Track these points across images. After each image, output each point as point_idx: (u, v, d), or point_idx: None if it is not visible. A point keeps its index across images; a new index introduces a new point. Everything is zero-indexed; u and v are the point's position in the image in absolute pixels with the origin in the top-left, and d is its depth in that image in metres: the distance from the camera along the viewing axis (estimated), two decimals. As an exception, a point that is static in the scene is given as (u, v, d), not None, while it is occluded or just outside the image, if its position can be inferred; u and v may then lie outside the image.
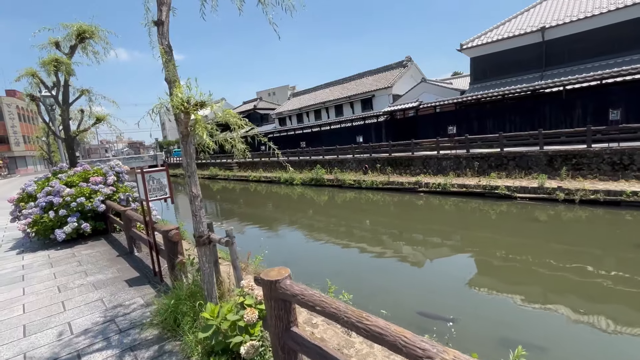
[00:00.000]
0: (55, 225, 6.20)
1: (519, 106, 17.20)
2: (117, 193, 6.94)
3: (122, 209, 5.45)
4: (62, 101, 7.24)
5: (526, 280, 6.81)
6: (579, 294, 6.08)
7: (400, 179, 18.08)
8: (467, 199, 14.47)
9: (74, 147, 7.53)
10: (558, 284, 6.54)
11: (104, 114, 7.82)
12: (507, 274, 7.31)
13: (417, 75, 28.30)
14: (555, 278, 6.76)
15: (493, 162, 15.46)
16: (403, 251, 9.54)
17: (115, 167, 7.19)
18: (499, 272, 7.47)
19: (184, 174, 2.80)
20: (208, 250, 2.81)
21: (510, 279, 6.95)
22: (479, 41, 20.27)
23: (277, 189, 24.03)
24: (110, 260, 5.29)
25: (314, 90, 35.73)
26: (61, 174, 6.85)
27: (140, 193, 4.17)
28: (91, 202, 6.37)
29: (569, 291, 6.25)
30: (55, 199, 6.18)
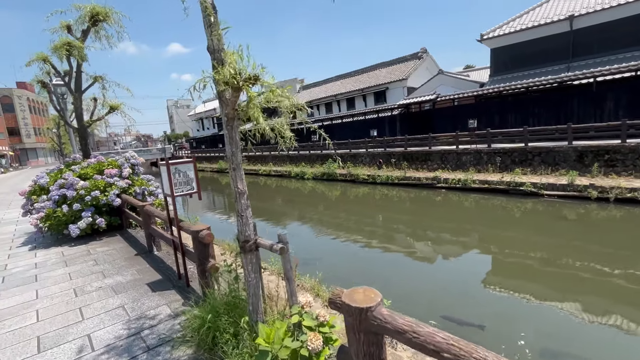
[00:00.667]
0: (68, 220, 5.82)
1: (544, 99, 16.39)
2: (132, 186, 6.54)
3: (140, 203, 5.04)
4: (75, 88, 6.82)
5: (559, 284, 6.29)
6: (621, 300, 5.54)
7: (417, 174, 17.49)
8: (490, 195, 13.87)
9: (87, 137, 7.13)
10: (596, 288, 6.01)
11: (118, 103, 7.39)
12: (537, 276, 6.79)
13: (432, 68, 27.44)
14: (592, 282, 6.23)
15: (517, 157, 14.79)
16: (423, 250, 9.07)
17: (130, 158, 6.77)
18: (528, 274, 6.96)
19: (228, 166, 2.33)
20: (254, 257, 2.34)
21: (541, 282, 6.43)
22: (500, 31, 19.39)
23: (287, 183, 23.61)
24: (128, 259, 4.88)
25: (324, 82, 35.04)
26: (74, 165, 6.46)
27: (163, 187, 3.72)
28: (106, 196, 5.97)
29: (609, 296, 5.73)
30: (68, 192, 5.80)
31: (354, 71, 32.03)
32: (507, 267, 7.52)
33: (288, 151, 28.53)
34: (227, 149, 2.29)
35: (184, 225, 3.54)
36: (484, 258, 8.22)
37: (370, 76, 28.93)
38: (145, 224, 4.91)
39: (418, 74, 25.56)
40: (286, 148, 2.86)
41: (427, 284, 6.73)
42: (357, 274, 7.08)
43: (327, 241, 10.22)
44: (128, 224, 6.65)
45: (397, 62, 27.89)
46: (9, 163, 44.89)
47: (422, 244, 9.68)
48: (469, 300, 5.83)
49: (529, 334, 4.49)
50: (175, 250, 3.92)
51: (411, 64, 26.17)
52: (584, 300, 5.56)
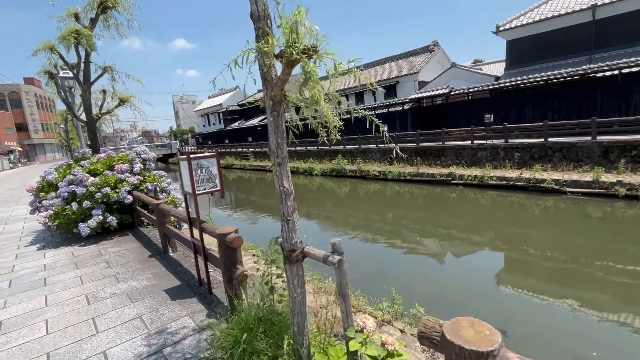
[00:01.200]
0: (78, 218, 5.51)
1: (565, 92, 15.77)
2: (144, 183, 6.20)
3: (154, 201, 4.69)
4: (83, 80, 6.47)
5: (586, 286, 5.88)
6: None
7: (431, 170, 17.02)
8: (508, 192, 13.40)
9: (96, 131, 6.80)
10: (627, 291, 5.58)
11: (128, 95, 7.04)
12: (561, 277, 6.38)
13: (444, 61, 26.76)
14: (623, 285, 5.79)
15: (536, 153, 14.25)
16: (442, 249, 8.66)
17: (142, 153, 6.43)
18: (551, 275, 6.56)
19: (272, 162, 1.94)
20: (300, 269, 1.96)
21: (566, 284, 6.03)
22: (517, 22, 18.70)
23: (295, 180, 23.22)
24: (142, 261, 4.55)
25: (332, 77, 34.45)
26: (84, 160, 6.09)
27: (183, 184, 3.36)
28: (117, 193, 5.64)
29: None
30: (78, 188, 5.48)
31: (363, 65, 31.39)
32: (533, 268, 7.12)
33: (296, 147, 28.13)
34: (270, 140, 1.91)
35: (207, 227, 3.18)
36: (507, 258, 7.81)
37: (380, 70, 28.33)
38: (160, 224, 4.57)
39: (429, 68, 24.93)
40: (328, 141, 2.47)
41: (450, 285, 6.34)
42: (375, 275, 6.72)
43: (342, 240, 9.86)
44: (140, 222, 6.33)
45: (407, 56, 27.26)
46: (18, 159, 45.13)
47: (441, 242, 9.27)
48: (490, 303, 5.46)
49: (559, 339, 4.12)
50: (196, 254, 3.56)
51: (422, 57, 25.53)
52: (615, 302, 5.16)
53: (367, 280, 6.01)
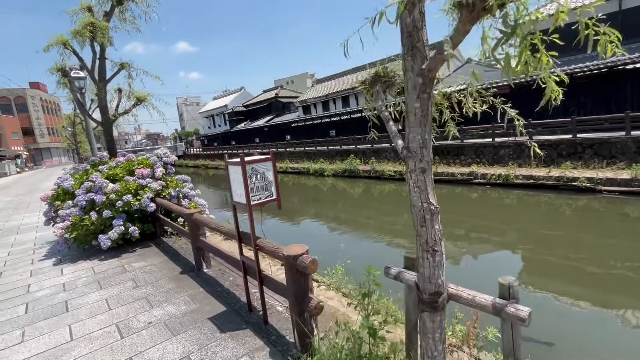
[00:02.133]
0: (97, 229, 4.99)
1: (591, 86, 15.07)
2: (166, 188, 5.68)
3: (185, 211, 4.14)
4: (98, 77, 5.96)
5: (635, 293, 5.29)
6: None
7: (450, 169, 16.42)
8: (535, 192, 12.77)
9: (112, 132, 6.29)
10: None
11: (145, 93, 6.52)
12: (606, 284, 5.77)
13: (458, 56, 26.05)
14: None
15: (564, 150, 13.59)
16: (474, 253, 8.07)
17: (163, 156, 5.91)
18: (593, 281, 5.96)
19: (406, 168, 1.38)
20: (443, 319, 1.39)
21: (611, 291, 5.42)
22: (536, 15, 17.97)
23: (306, 181, 22.73)
24: (173, 279, 4.01)
25: (340, 75, 33.92)
26: (102, 165, 5.60)
27: (233, 193, 2.81)
28: (139, 201, 5.12)
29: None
30: (97, 196, 4.96)
31: (372, 62, 30.78)
32: (566, 272, 6.56)
33: (305, 147, 27.60)
34: (411, 136, 1.34)
35: (267, 245, 2.62)
36: (540, 261, 7.23)
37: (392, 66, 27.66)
38: (193, 236, 4.02)
39: (442, 64, 24.21)
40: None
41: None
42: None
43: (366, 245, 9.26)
44: (162, 232, 5.80)
45: (418, 52, 26.55)
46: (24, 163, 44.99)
47: (470, 245, 8.68)
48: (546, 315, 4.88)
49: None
50: (246, 275, 3.01)
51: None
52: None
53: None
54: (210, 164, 38.70)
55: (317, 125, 30.69)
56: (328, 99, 31.65)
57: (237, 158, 2.73)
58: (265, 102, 40.93)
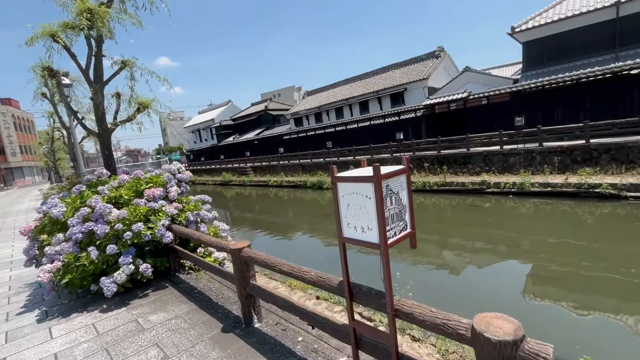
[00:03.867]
0: (98, 270, 3.79)
1: (597, 92, 15.01)
2: (182, 212, 4.55)
3: (230, 245, 3.03)
4: (94, 78, 4.84)
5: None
6: None
7: (459, 178, 15.82)
8: (553, 200, 12.26)
9: (111, 144, 5.12)
10: None
11: (149, 99, 5.42)
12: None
13: (450, 67, 26.16)
14: None
15: (578, 156, 13.25)
16: (505, 271, 7.28)
17: (177, 172, 4.78)
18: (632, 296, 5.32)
19: None
20: None
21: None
22: (534, 22, 18.12)
23: (303, 194, 21.65)
24: (217, 341, 2.86)
25: (331, 87, 33.49)
26: (101, 185, 4.43)
27: (346, 225, 1.81)
28: (152, 230, 3.97)
29: None
30: (97, 226, 3.77)
31: (363, 74, 30.59)
32: (602, 286, 5.90)
33: (300, 159, 26.63)
34: None
35: (415, 311, 1.60)
36: (572, 275, 6.54)
37: (384, 78, 27.46)
38: (241, 279, 2.93)
39: (437, 74, 24.16)
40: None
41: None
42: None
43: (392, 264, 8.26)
44: (178, 266, 4.63)
45: (412, 63, 26.53)
46: (-7, 184, 41.64)
47: (503, 260, 7.88)
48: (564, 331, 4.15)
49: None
50: (357, 349, 1.96)
51: (429, 63, 24.80)
52: None
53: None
54: (197, 179, 37.01)
55: (312, 137, 29.87)
56: (321, 111, 31.03)
57: (355, 171, 1.77)
58: (254, 115, 39.93)
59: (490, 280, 7.11)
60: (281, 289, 4.37)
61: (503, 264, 7.89)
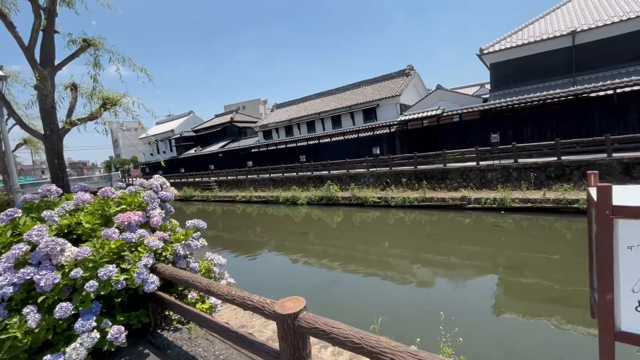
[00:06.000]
0: (38, 341, 2.40)
1: (562, 112, 15.96)
2: (169, 244, 3.28)
3: (274, 307, 1.91)
4: (41, 59, 3.47)
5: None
6: None
7: (438, 194, 15.71)
8: (534, 215, 12.44)
9: (62, 150, 3.68)
10: None
11: (117, 93, 4.10)
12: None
13: (419, 86, 26.94)
14: None
15: (552, 172, 13.73)
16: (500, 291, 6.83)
17: (159, 190, 3.50)
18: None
19: None
20: None
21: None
22: (500, 46, 19.15)
23: (274, 211, 20.35)
24: None
25: (302, 101, 32.96)
26: (48, 208, 2.98)
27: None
28: (129, 274, 2.67)
29: None
30: (41, 274, 2.40)
31: (335, 89, 30.50)
32: None
33: (270, 174, 25.35)
34: None
35: None
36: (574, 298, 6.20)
37: (356, 93, 27.51)
38: (294, 352, 1.82)
39: (407, 92, 24.66)
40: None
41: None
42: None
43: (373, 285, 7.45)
44: (159, 319, 3.31)
45: (383, 80, 26.92)
46: None
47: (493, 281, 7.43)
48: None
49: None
50: None
51: (400, 80, 25.28)
52: None
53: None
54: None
55: (282, 150, 28.79)
56: (292, 124, 30.20)
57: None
58: (218, 126, 37.98)
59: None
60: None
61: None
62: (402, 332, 4.72)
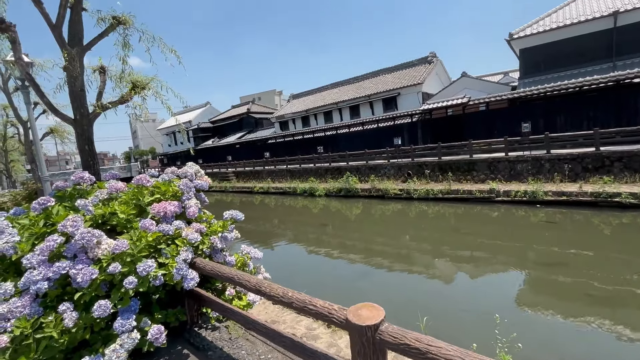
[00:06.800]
0: (75, 341, 2.21)
1: (600, 100, 14.89)
2: (205, 236, 3.04)
3: (340, 313, 1.61)
4: (70, 38, 3.24)
5: None
6: None
7: (464, 186, 15.09)
8: (568, 209, 11.71)
9: (92, 136, 3.49)
10: None
11: (146, 77, 3.87)
12: None
13: (442, 74, 25.93)
14: None
15: (589, 163, 12.89)
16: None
17: (193, 178, 3.26)
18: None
19: None
20: None
21: None
22: (531, 30, 18.04)
23: (292, 202, 20.17)
24: None
25: (318, 91, 32.42)
26: (82, 198, 2.73)
27: None
28: (167, 270, 2.45)
29: None
30: (78, 269, 2.20)
31: (353, 78, 29.80)
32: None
33: (287, 164, 25.14)
34: None
35: None
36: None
37: (375, 82, 26.76)
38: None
39: (429, 80, 23.75)
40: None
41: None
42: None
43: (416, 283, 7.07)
44: (196, 316, 3.11)
45: (403, 67, 26.04)
46: None
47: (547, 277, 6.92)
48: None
49: None
50: None
51: (422, 68, 24.37)
52: None
53: None
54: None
55: (299, 141, 28.47)
56: (308, 114, 29.79)
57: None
58: (235, 117, 37.97)
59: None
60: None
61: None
62: (450, 334, 4.39)
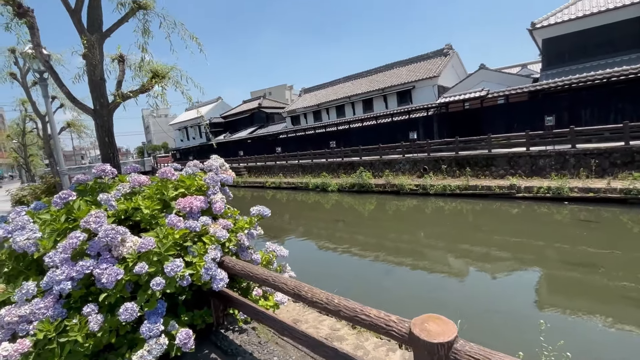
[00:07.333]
0: (100, 345, 2.06)
1: (629, 92, 14.16)
2: (232, 233, 2.86)
3: (404, 328, 1.40)
4: (89, 24, 3.09)
5: None
6: None
7: (483, 182, 14.62)
8: (594, 206, 11.19)
9: (112, 128, 3.34)
10: None
11: (166, 66, 3.69)
12: None
13: (458, 66, 25.22)
14: None
15: (618, 159, 12.28)
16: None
17: (218, 172, 3.08)
18: None
19: None
20: None
21: None
22: (555, 19, 17.26)
23: (304, 197, 20.01)
24: None
25: (330, 85, 32.01)
26: (105, 192, 2.54)
27: None
28: (195, 270, 2.28)
29: None
30: (102, 268, 2.05)
31: (366, 71, 29.28)
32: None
33: (299, 159, 24.95)
34: None
35: None
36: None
37: (389, 75, 26.21)
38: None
39: (445, 73, 23.11)
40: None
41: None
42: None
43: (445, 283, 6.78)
44: (222, 318, 2.94)
45: (418, 60, 25.41)
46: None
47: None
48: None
49: None
50: None
51: (438, 61, 23.72)
52: None
53: None
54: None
55: (311, 136, 28.22)
56: (320, 109, 29.47)
57: None
58: (246, 112, 37.92)
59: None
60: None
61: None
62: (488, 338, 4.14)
